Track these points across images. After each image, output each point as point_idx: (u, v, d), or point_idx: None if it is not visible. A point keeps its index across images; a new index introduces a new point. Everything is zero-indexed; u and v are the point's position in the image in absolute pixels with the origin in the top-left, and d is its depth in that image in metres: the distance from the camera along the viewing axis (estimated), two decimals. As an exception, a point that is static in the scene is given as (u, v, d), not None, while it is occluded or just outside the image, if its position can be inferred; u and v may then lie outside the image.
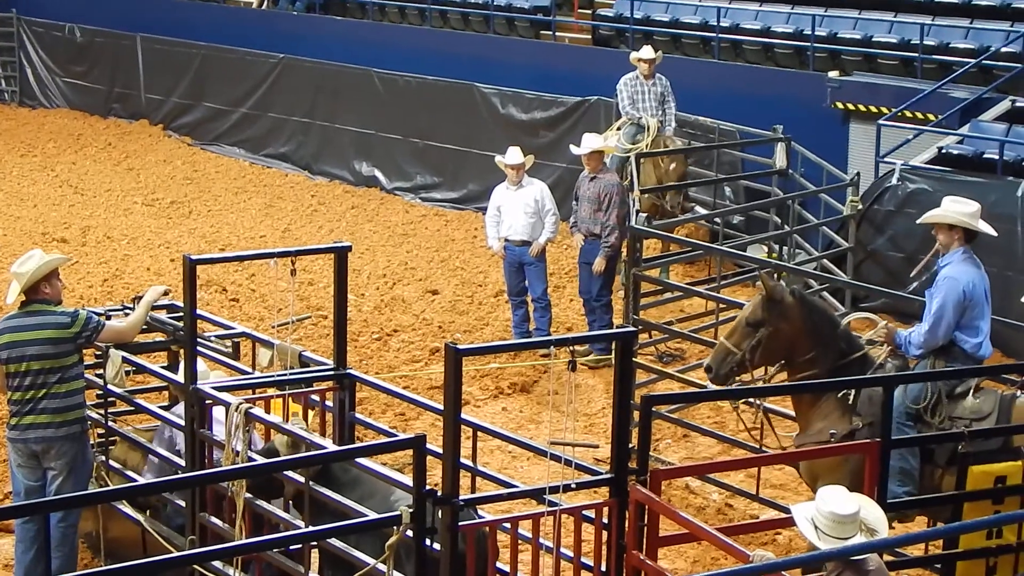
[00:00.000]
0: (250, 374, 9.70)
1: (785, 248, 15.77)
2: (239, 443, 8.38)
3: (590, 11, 22.45)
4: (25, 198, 21.32)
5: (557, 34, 22.33)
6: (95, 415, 9.79)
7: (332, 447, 8.63)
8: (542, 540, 7.62)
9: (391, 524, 7.35)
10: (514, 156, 14.52)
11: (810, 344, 9.16)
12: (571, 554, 7.82)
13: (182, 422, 9.03)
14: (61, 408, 9.14)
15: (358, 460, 8.08)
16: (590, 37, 22.01)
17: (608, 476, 7.76)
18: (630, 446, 7.88)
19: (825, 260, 15.78)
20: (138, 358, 9.79)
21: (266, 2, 26.91)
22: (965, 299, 9.05)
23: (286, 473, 8.12)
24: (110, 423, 9.86)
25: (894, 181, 15.63)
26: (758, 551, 7.12)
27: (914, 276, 9.86)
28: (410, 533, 7.34)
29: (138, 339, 9.95)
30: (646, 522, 7.48)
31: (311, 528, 7.82)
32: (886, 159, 16.13)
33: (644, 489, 7.48)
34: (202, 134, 25.35)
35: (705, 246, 14.67)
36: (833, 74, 18.37)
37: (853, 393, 9.09)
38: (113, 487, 9.36)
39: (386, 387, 9.77)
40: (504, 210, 14.53)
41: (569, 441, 8.19)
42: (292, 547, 8.13)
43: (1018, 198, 14.64)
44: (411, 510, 7.30)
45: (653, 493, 7.46)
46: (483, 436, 9.05)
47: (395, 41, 23.59)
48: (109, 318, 9.77)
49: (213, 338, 10.12)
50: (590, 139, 14.61)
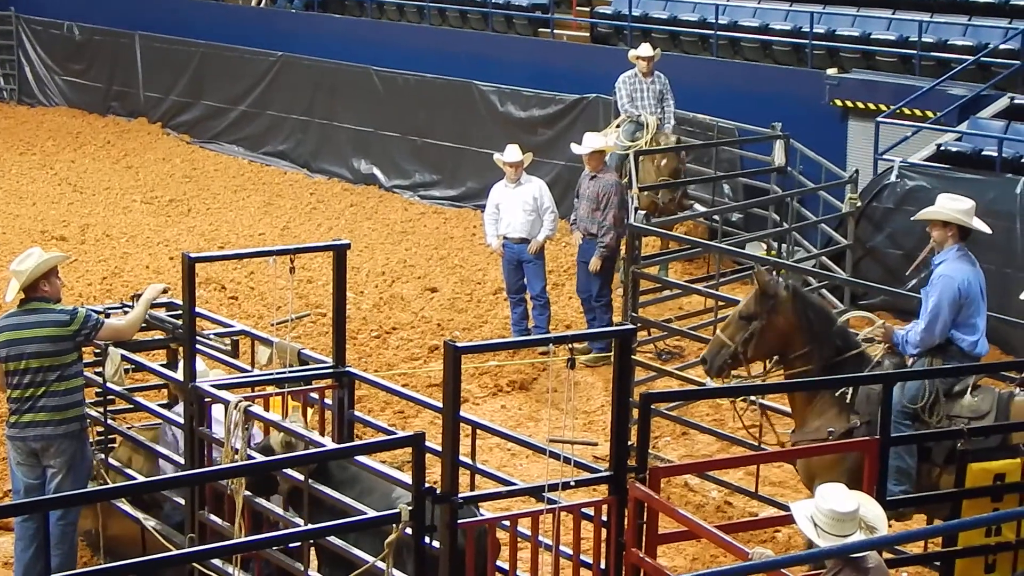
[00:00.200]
0: (249, 372, 9.70)
1: (784, 245, 15.77)
2: (238, 441, 8.38)
3: (588, 9, 22.44)
4: (24, 196, 21.32)
5: (555, 32, 22.34)
6: (94, 413, 9.79)
7: (331, 445, 8.63)
8: (541, 538, 7.62)
9: (390, 522, 7.35)
10: (512, 154, 14.52)
11: (804, 340, 9.17)
12: (570, 552, 7.81)
13: (182, 421, 9.04)
14: (60, 406, 9.13)
15: (357, 458, 8.08)
16: (588, 35, 22.01)
17: (607, 474, 7.76)
18: (629, 444, 7.88)
19: (824, 257, 15.78)
20: (137, 356, 9.78)
21: (264, 0, 26.90)
22: (961, 297, 9.04)
23: (285, 471, 8.13)
24: (109, 421, 9.87)
25: (893, 178, 15.63)
26: (757, 549, 7.12)
27: (910, 274, 9.85)
28: (409, 531, 7.35)
29: (137, 337, 9.96)
30: (645, 520, 7.48)
31: (311, 526, 7.83)
32: (885, 156, 16.13)
33: (643, 487, 7.48)
34: (201, 132, 25.34)
35: (704, 243, 14.67)
36: (831, 71, 18.37)
37: (850, 391, 9.09)
38: (112, 485, 9.37)
39: (385, 385, 9.76)
40: (503, 208, 14.53)
41: (568, 439, 8.20)
42: (291, 545, 8.14)
43: (1016, 195, 14.65)
44: (410, 508, 7.31)
45: (652, 491, 7.47)
46: (482, 434, 9.05)
47: (393, 39, 23.58)
48: (108, 316, 9.76)
49: (212, 336, 10.12)
50: (592, 138, 14.61)
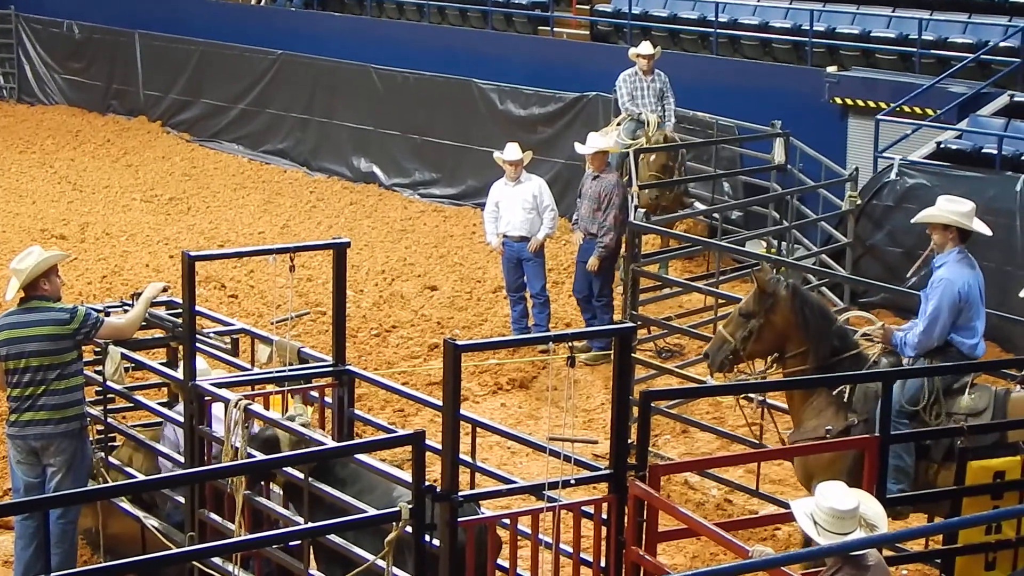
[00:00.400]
0: (249, 370, 9.70)
1: (784, 243, 15.78)
2: (238, 439, 8.38)
3: (588, 7, 22.43)
4: (24, 195, 21.31)
5: (555, 30, 22.33)
6: (94, 412, 9.79)
7: (331, 443, 8.63)
8: (541, 536, 7.62)
9: (390, 520, 7.35)
10: (512, 152, 14.51)
11: (801, 338, 9.18)
12: (570, 550, 7.82)
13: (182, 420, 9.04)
14: (60, 404, 9.13)
15: (357, 456, 8.08)
16: (588, 33, 22.00)
17: (607, 472, 7.76)
18: (629, 442, 7.89)
19: (824, 255, 15.78)
20: (137, 354, 9.78)
21: (264, -2, 26.93)
22: (960, 301, 9.03)
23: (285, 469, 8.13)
24: (109, 420, 9.87)
25: (892, 176, 15.62)
26: (757, 546, 7.12)
27: (911, 275, 9.84)
28: (409, 529, 7.35)
29: (137, 335, 9.96)
30: (645, 518, 7.49)
31: (311, 524, 7.83)
32: (884, 154, 16.13)
33: (643, 485, 7.49)
34: (200, 130, 25.33)
35: (704, 241, 14.67)
36: (831, 69, 18.36)
37: (848, 390, 9.09)
38: (112, 484, 9.37)
39: (385, 383, 9.76)
40: (502, 206, 14.52)
41: (568, 437, 8.20)
42: (292, 544, 8.14)
43: (1016, 193, 14.64)
44: (410, 506, 7.31)
45: (652, 489, 7.47)
46: (482, 432, 9.06)
47: (393, 37, 23.57)
48: (108, 314, 9.76)
49: (212, 334, 10.12)
50: (595, 139, 14.60)
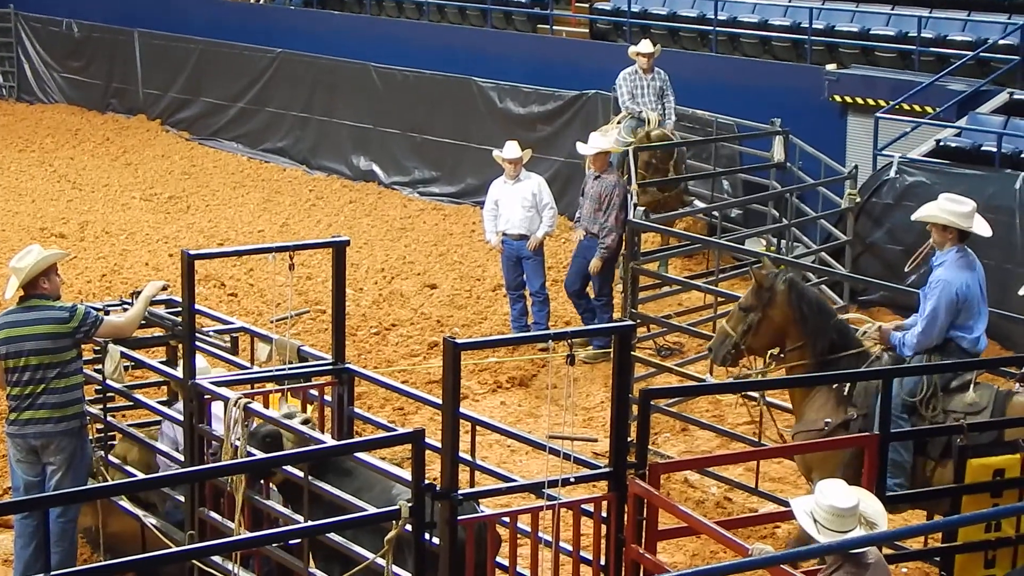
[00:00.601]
0: (249, 369, 9.70)
1: (783, 241, 15.77)
2: (238, 438, 8.38)
3: (587, 5, 22.43)
4: (23, 193, 21.31)
5: (554, 28, 22.31)
6: (94, 410, 9.79)
7: (331, 441, 8.63)
8: (541, 534, 7.62)
9: (390, 518, 7.35)
10: (511, 150, 14.51)
11: (799, 332, 9.21)
12: (570, 548, 7.82)
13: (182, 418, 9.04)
14: (60, 403, 9.13)
15: (356, 455, 8.08)
16: (587, 31, 22.00)
17: (607, 470, 7.76)
18: (629, 440, 7.88)
19: (823, 253, 15.78)
20: (137, 353, 9.78)
21: (263, -4, 26.93)
22: (959, 302, 9.03)
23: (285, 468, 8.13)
24: (109, 418, 9.87)
25: (892, 174, 15.61)
26: (757, 544, 7.13)
27: (910, 270, 9.83)
28: (409, 527, 7.35)
29: (137, 334, 9.96)
30: (645, 516, 7.49)
31: (311, 523, 7.83)
32: (884, 152, 16.12)
33: (643, 483, 7.49)
34: (200, 129, 25.32)
35: (703, 240, 14.68)
36: (831, 67, 18.35)
37: (848, 384, 9.11)
38: (112, 482, 9.37)
39: (385, 381, 9.76)
40: (502, 204, 14.52)
41: (568, 435, 8.20)
42: (291, 542, 8.14)
43: (1016, 190, 14.64)
44: (410, 504, 7.31)
45: (652, 487, 7.47)
46: (482, 430, 9.06)
47: (392, 35, 23.56)
48: (107, 313, 9.76)
49: (212, 333, 10.12)
50: (597, 139, 14.59)
